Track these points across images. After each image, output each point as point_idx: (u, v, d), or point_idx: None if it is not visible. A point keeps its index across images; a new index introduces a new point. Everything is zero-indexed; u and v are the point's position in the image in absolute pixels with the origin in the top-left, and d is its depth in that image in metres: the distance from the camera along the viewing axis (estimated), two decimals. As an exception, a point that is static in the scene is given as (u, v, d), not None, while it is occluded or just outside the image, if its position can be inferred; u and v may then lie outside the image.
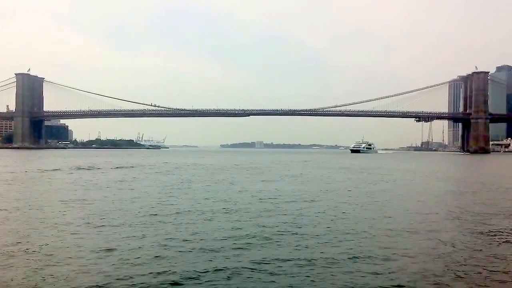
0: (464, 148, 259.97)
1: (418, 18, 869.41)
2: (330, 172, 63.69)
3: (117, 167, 67.64)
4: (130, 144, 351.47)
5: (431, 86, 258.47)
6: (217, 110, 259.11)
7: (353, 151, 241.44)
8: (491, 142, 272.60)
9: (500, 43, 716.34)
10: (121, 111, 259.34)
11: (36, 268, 12.40)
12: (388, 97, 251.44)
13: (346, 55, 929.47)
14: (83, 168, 62.82)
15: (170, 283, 11.29)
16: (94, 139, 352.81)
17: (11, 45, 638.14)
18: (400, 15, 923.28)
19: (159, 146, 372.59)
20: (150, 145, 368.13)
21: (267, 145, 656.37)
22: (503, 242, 16.52)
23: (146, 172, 57.23)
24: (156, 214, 21.93)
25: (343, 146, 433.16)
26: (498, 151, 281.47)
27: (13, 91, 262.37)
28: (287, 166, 79.55)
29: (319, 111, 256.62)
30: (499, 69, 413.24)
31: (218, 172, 60.09)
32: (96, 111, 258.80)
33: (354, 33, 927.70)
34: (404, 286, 11.24)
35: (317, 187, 38.06)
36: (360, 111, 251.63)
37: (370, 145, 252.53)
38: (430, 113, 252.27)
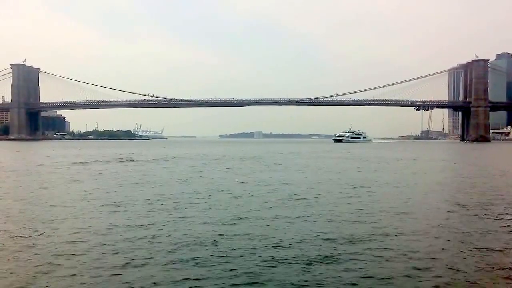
0: (464, 136, 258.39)
1: (417, 4, 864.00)
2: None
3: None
4: (128, 135, 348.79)
5: (431, 75, 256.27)
6: (215, 100, 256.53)
7: (336, 140, 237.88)
8: (491, 131, 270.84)
9: (500, 30, 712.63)
10: (118, 101, 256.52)
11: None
12: (387, 85, 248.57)
13: (345, 44, 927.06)
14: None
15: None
16: (91, 130, 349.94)
17: (3, 34, 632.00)
18: (398, 1, 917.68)
19: (148, 137, 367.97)
20: (139, 136, 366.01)
21: (266, 135, 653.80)
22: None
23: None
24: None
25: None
26: (498, 140, 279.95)
27: (8, 82, 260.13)
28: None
29: (318, 101, 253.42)
30: (499, 56, 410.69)
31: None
32: (93, 101, 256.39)
33: (352, 21, 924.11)
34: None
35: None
36: (359, 100, 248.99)
37: (359, 134, 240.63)
38: (430, 101, 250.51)
